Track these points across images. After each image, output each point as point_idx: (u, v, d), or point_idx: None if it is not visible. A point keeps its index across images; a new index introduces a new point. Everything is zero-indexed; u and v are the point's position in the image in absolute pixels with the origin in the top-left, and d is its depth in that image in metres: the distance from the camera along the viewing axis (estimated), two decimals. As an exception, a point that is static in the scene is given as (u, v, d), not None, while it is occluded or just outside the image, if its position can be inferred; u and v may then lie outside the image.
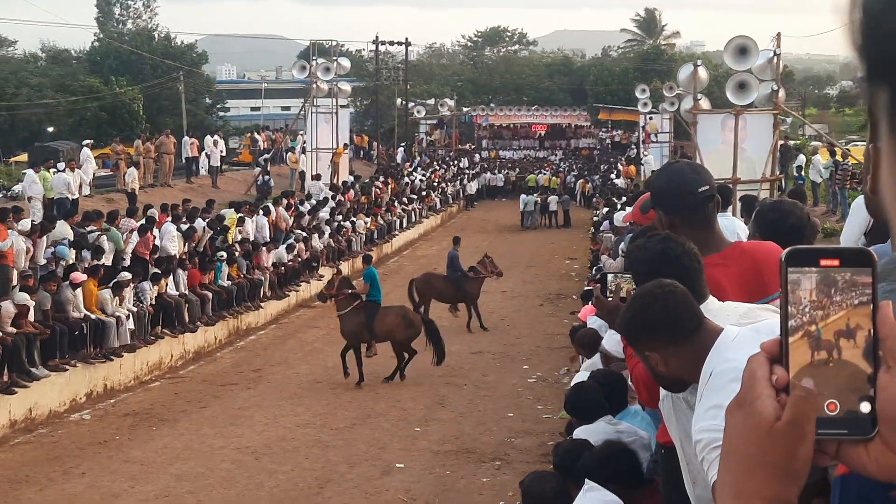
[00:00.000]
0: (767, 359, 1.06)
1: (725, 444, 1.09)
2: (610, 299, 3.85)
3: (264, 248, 23.30)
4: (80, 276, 15.77)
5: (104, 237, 17.79)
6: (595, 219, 33.25)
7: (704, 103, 23.45)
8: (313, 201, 30.30)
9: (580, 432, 6.28)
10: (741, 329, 2.33)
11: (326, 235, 27.73)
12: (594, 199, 42.59)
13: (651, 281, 3.01)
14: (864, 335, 1.03)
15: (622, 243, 9.71)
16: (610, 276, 3.92)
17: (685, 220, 3.74)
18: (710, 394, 2.26)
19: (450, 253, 23.19)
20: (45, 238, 16.49)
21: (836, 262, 1.04)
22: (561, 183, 52.05)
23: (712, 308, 3.05)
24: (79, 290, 15.66)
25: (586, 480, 4.27)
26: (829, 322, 1.04)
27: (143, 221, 19.69)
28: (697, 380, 2.47)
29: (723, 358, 2.27)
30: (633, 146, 56.64)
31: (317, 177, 34.55)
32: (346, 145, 38.42)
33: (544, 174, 54.04)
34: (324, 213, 29.15)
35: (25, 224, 16.44)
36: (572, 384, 7.26)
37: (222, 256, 20.90)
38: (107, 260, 17.56)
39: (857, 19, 0.62)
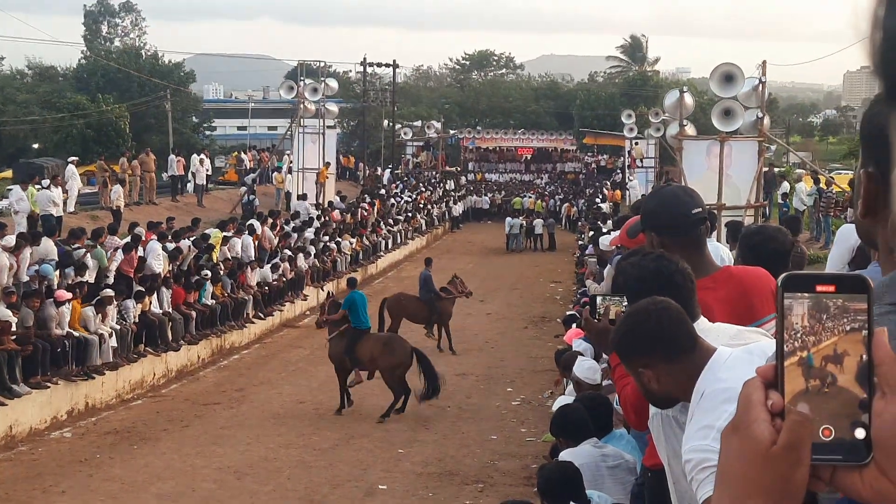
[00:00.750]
0: (763, 383, 1.07)
1: (721, 467, 1.09)
2: (598, 321, 3.85)
3: (248, 267, 23.24)
4: (64, 294, 15.68)
5: (89, 255, 17.71)
6: (580, 242, 33.34)
7: (690, 129, 23.57)
8: (299, 221, 30.27)
9: (565, 455, 6.28)
10: (734, 350, 2.34)
11: (311, 255, 27.70)
12: (579, 223, 42.70)
13: (645, 298, 3.02)
14: (856, 361, 1.03)
15: (608, 267, 9.73)
16: (599, 299, 3.91)
17: (677, 243, 3.76)
18: (701, 414, 2.26)
19: (422, 273, 23.36)
20: (28, 254, 16.39)
21: (831, 289, 1.05)
22: (546, 206, 52.25)
23: (703, 328, 3.07)
24: (63, 308, 15.56)
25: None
26: (821, 348, 1.04)
27: (128, 239, 19.63)
28: (688, 398, 2.47)
29: (715, 378, 2.28)
30: (619, 171, 56.89)
31: (303, 196, 34.55)
32: (327, 164, 38.39)
33: (529, 197, 54.23)
34: (309, 233, 29.12)
35: (10, 240, 16.36)
36: (558, 406, 7.26)
37: (207, 275, 20.84)
38: (90, 277, 17.49)
39: (878, 39, 0.62)
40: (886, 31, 0.60)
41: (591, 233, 27.17)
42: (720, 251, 6.27)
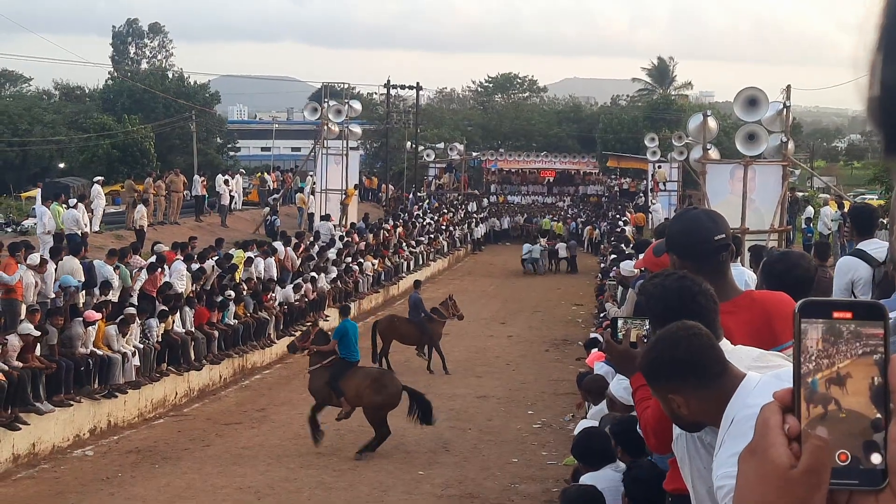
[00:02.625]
0: (780, 407, 1.08)
1: (739, 490, 1.10)
2: (620, 344, 3.85)
3: (271, 288, 23.34)
4: (94, 315, 15.77)
5: (115, 273, 17.87)
6: (602, 266, 33.25)
7: (714, 153, 23.55)
8: (322, 242, 30.38)
9: (586, 479, 6.27)
10: (763, 375, 2.34)
11: (333, 276, 27.77)
12: (601, 246, 42.62)
13: (672, 322, 3.02)
14: (867, 384, 1.05)
15: (629, 291, 9.70)
16: (620, 321, 3.90)
17: (698, 268, 3.75)
18: (731, 440, 2.26)
19: (412, 296, 23.45)
20: (52, 271, 16.52)
21: (848, 315, 1.06)
22: (567, 229, 52.27)
23: (726, 350, 3.07)
24: (91, 328, 15.67)
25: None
26: (835, 371, 1.05)
27: (153, 259, 19.77)
28: (717, 423, 2.47)
29: (744, 404, 2.27)
30: (642, 194, 56.79)
31: (325, 217, 34.67)
32: (356, 186, 38.61)
33: (554, 221, 54.36)
34: (331, 254, 29.21)
35: (34, 258, 16.50)
36: (581, 429, 7.24)
37: (231, 296, 20.93)
38: (114, 296, 17.62)
39: (876, 95, 0.62)
40: (885, 87, 0.60)
41: (613, 256, 27.11)
42: (744, 276, 6.26)
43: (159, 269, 19.32)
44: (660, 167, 47.99)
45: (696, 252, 3.84)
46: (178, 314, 18.74)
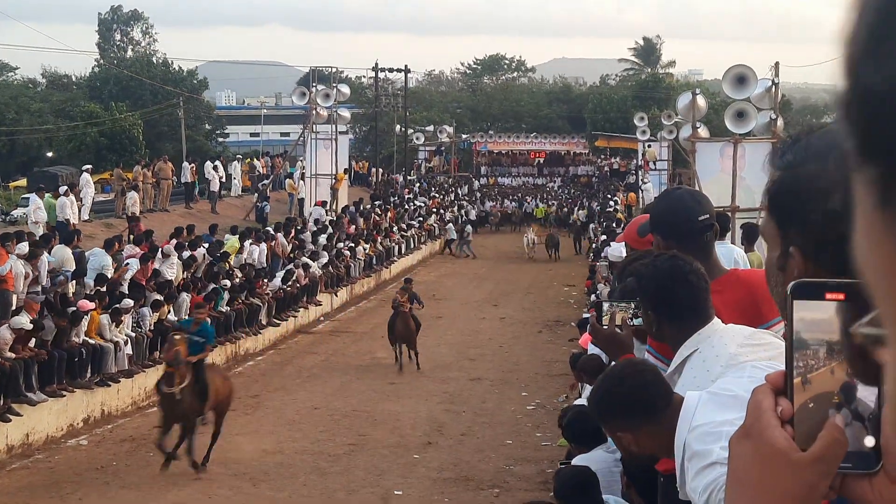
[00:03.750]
0: (772, 390, 1.07)
1: (733, 473, 1.10)
2: (605, 327, 3.83)
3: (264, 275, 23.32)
4: (87, 305, 15.74)
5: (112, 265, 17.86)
6: (594, 246, 33.26)
7: (703, 131, 23.55)
8: (313, 227, 30.33)
9: (578, 460, 6.27)
10: (700, 394, 2.30)
11: (325, 261, 27.73)
12: (591, 226, 42.61)
13: (664, 301, 3.02)
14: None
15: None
16: (605, 304, 3.88)
17: (683, 248, 3.74)
18: (695, 461, 2.21)
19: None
20: (45, 261, 16.47)
21: (841, 297, 1.03)
22: (556, 213, 52.48)
23: (717, 329, 3.06)
24: (84, 318, 15.64)
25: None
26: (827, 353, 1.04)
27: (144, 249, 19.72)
28: (670, 454, 2.42)
29: (691, 427, 2.22)
30: (632, 173, 56.85)
31: (322, 203, 34.58)
32: (345, 171, 38.54)
33: (539, 205, 54.52)
34: (322, 239, 29.17)
35: (23, 248, 16.42)
36: (571, 410, 7.25)
37: (227, 285, 20.89)
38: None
39: (850, 91, 0.58)
40: (861, 84, 0.57)
41: (604, 237, 27.13)
42: (734, 253, 6.26)
43: (151, 260, 19.26)
44: (649, 146, 48.03)
45: (681, 232, 3.83)
46: (172, 303, 18.68)
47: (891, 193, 0.54)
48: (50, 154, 56.24)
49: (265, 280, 23.25)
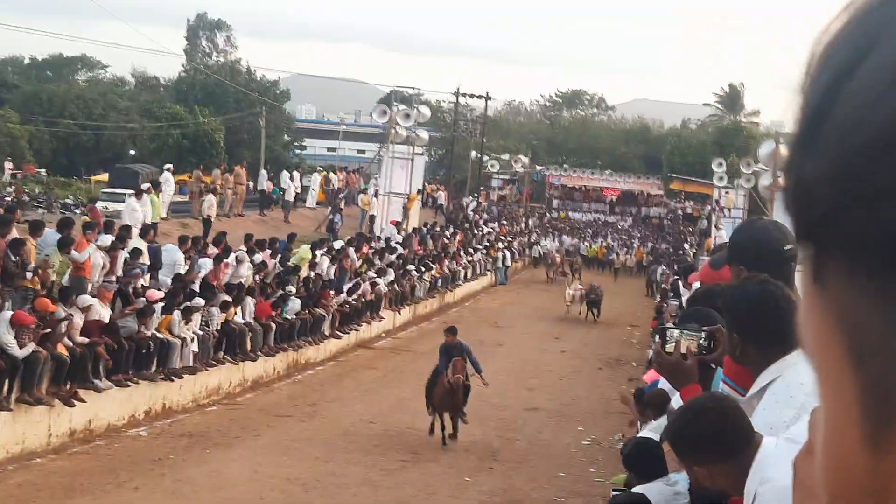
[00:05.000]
0: None
1: (802, 491, 1.11)
2: (670, 356, 3.76)
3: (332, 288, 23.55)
4: (155, 294, 16.08)
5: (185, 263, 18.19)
6: (664, 286, 32.87)
7: (783, 181, 23.29)
8: (382, 244, 30.55)
9: (637, 490, 6.23)
10: (778, 441, 2.26)
11: (391, 278, 27.88)
12: (660, 270, 42.17)
13: (753, 327, 2.99)
14: None
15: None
16: (671, 332, 3.81)
17: None
18: None
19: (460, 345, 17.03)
20: (124, 255, 16.83)
21: None
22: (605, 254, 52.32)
23: (803, 357, 3.04)
24: (156, 312, 15.95)
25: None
26: None
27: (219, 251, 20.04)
28: (740, 493, 2.40)
29: (764, 478, 2.19)
30: (705, 219, 56.31)
31: (395, 223, 34.86)
32: (419, 191, 38.79)
33: (595, 243, 53.88)
34: (392, 258, 29.36)
35: (105, 239, 16.79)
36: (635, 439, 7.19)
37: (292, 291, 21.14)
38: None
39: (791, 180, 0.63)
40: (798, 175, 0.61)
41: (675, 277, 26.82)
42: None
43: (224, 262, 19.55)
44: (727, 192, 47.54)
45: (766, 262, 3.78)
46: (239, 305, 18.95)
47: (820, 271, 0.60)
48: (132, 152, 57.53)
49: (331, 292, 23.46)
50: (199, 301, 17.23)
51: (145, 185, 25.35)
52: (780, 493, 2.08)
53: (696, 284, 7.60)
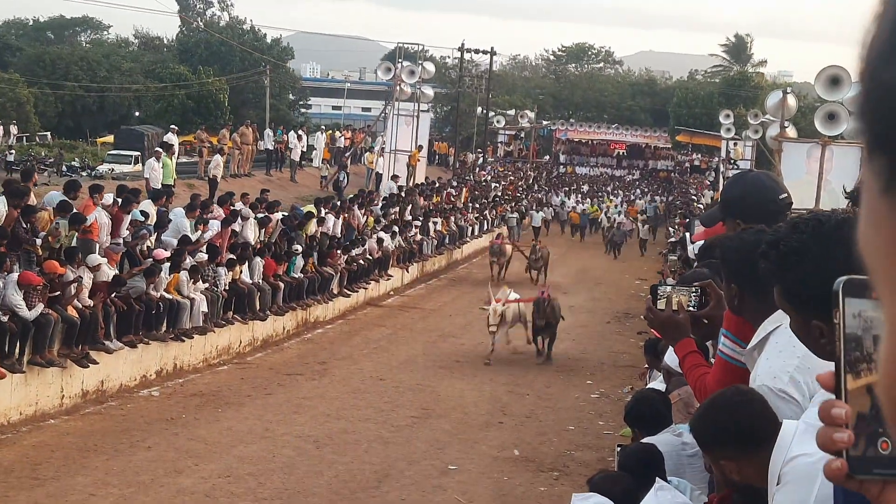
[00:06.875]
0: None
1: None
2: (662, 311, 3.76)
3: (339, 246, 23.54)
4: (162, 253, 16.13)
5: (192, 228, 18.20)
6: (671, 240, 32.76)
7: (791, 132, 23.14)
8: (383, 200, 30.51)
9: (646, 441, 6.26)
10: (796, 423, 2.25)
11: (398, 235, 27.87)
12: (669, 220, 42.12)
13: (748, 277, 2.97)
14: None
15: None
16: (661, 288, 3.78)
17: None
18: (783, 493, 2.17)
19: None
20: (129, 215, 16.84)
21: None
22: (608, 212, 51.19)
23: None
24: (164, 273, 16.00)
25: (657, 480, 4.26)
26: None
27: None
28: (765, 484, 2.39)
29: (789, 457, 2.18)
30: (713, 171, 56.11)
31: (395, 178, 34.80)
32: (419, 147, 38.66)
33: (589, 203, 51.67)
34: (392, 213, 29.27)
35: (108, 198, 16.78)
36: (635, 394, 7.23)
37: (298, 250, 21.16)
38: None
39: (873, 91, 0.62)
40: (880, 85, 0.60)
41: (685, 232, 26.75)
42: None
43: (231, 225, 19.51)
44: (734, 144, 47.30)
45: (761, 213, 3.74)
46: (245, 264, 18.97)
47: (894, 181, 0.59)
48: (137, 114, 57.42)
49: (338, 251, 23.47)
50: (203, 256, 17.27)
51: (159, 151, 25.41)
52: (809, 468, 2.07)
53: (700, 243, 7.59)
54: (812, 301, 2.32)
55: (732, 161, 46.23)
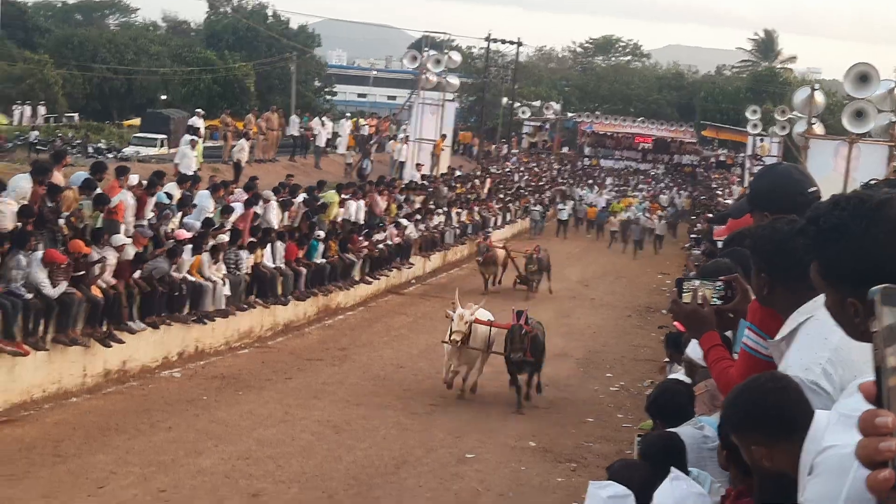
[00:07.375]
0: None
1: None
2: (687, 305, 3.74)
3: (361, 232, 23.57)
4: (183, 234, 16.22)
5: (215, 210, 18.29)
6: (693, 235, 32.65)
7: (818, 128, 22.97)
8: (404, 187, 30.50)
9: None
10: (829, 414, 2.23)
11: (420, 224, 27.88)
12: (692, 216, 41.92)
13: (780, 267, 2.95)
14: None
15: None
16: (686, 282, 3.75)
17: None
18: (815, 484, 2.15)
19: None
20: (153, 197, 16.93)
21: None
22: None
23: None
24: (186, 254, 16.08)
25: (672, 469, 4.24)
26: None
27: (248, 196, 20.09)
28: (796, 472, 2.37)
29: (822, 447, 2.16)
30: (738, 167, 55.78)
31: (419, 167, 34.82)
32: (443, 136, 38.65)
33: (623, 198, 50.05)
34: (417, 203, 29.30)
35: (133, 179, 16.87)
36: (658, 384, 7.21)
37: (320, 235, 21.22)
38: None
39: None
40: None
41: (708, 225, 26.63)
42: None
43: (253, 207, 19.57)
44: (761, 140, 46.99)
45: (789, 206, 3.71)
46: (268, 248, 19.03)
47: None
48: (164, 97, 57.64)
49: (360, 237, 23.49)
50: (223, 237, 17.34)
51: (189, 137, 25.46)
52: (842, 459, 2.06)
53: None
54: (849, 278, 2.26)
55: (758, 157, 45.91)
